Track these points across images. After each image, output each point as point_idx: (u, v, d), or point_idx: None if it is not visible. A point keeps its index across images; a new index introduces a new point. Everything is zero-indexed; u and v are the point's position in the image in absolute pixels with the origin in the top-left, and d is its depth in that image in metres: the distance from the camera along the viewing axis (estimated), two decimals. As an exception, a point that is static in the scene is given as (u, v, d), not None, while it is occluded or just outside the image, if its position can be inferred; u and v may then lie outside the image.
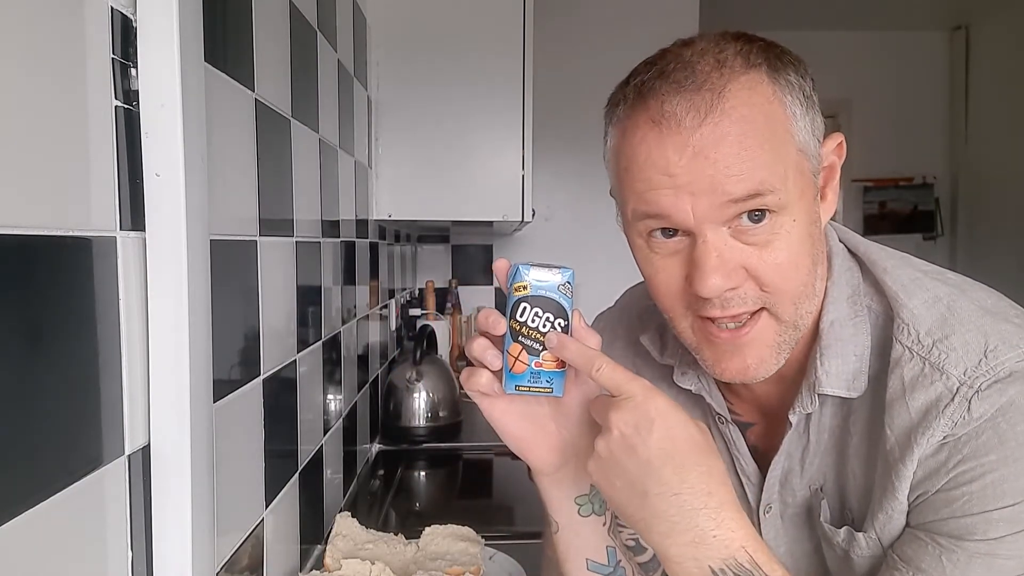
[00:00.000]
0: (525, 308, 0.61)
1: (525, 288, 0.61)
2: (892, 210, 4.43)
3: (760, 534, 0.72)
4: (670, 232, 0.62)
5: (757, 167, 0.57)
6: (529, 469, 0.70)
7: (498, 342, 0.63)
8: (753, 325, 0.62)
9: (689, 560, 0.55)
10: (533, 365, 0.62)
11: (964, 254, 4.30)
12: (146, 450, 0.56)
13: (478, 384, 0.63)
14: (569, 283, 0.62)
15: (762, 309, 0.62)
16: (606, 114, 0.67)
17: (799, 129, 0.60)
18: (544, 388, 0.63)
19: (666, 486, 0.56)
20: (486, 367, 0.63)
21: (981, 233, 4.17)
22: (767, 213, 0.59)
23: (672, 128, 0.58)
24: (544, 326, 0.61)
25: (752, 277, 0.61)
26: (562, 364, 0.62)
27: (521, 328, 0.61)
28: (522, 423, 0.66)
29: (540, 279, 0.61)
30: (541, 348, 0.62)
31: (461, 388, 0.68)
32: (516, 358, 0.62)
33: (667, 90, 0.59)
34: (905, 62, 4.28)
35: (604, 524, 0.71)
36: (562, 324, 0.61)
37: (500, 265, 0.63)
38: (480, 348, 0.63)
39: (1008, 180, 3.88)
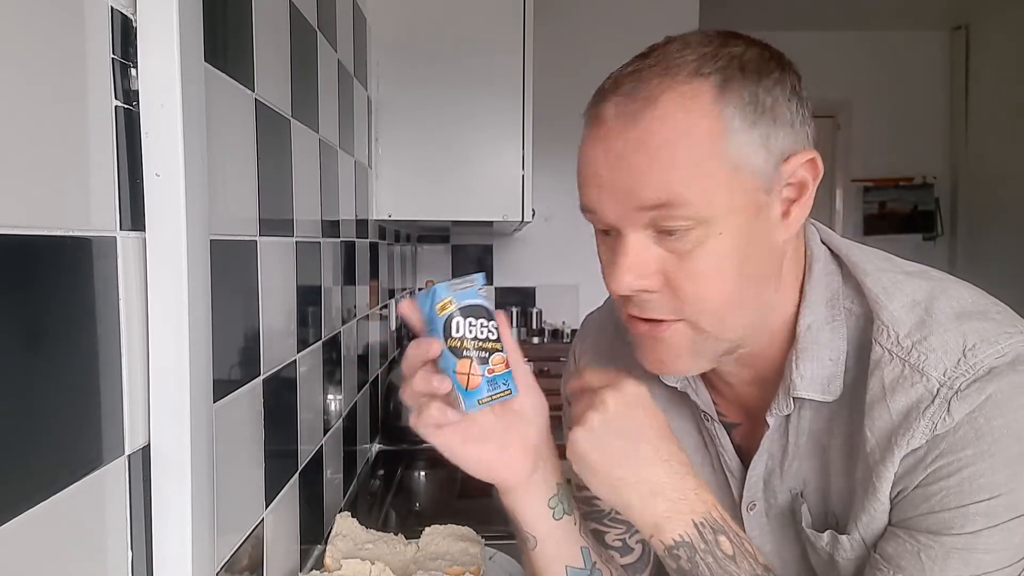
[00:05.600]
0: (458, 323, 0.61)
1: (451, 303, 0.61)
2: (892, 210, 4.43)
3: (743, 530, 0.73)
4: (605, 228, 0.64)
5: (671, 178, 0.58)
6: (495, 491, 0.70)
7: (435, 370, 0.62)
8: (669, 327, 0.63)
9: (675, 513, 0.63)
10: (487, 373, 0.61)
11: (964, 254, 4.30)
12: (146, 450, 0.56)
13: (431, 417, 0.61)
14: (483, 284, 0.63)
15: (681, 320, 0.63)
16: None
17: (736, 144, 0.58)
18: (503, 391, 0.62)
19: (659, 452, 0.64)
20: (434, 395, 0.61)
21: (981, 233, 4.18)
22: (686, 227, 0.59)
23: (604, 130, 0.60)
24: (482, 332, 0.61)
25: (669, 286, 0.61)
26: (508, 363, 0.62)
27: (462, 342, 0.60)
28: (485, 446, 0.66)
29: (458, 289, 0.61)
30: (488, 354, 0.61)
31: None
32: (469, 374, 0.60)
33: (611, 93, 0.61)
34: (905, 62, 4.28)
35: (575, 523, 0.72)
36: (494, 325, 0.62)
37: (405, 308, 0.63)
38: (423, 378, 0.61)
39: (1008, 180, 3.88)
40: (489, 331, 0.61)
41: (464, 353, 0.60)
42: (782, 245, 0.64)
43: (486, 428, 0.66)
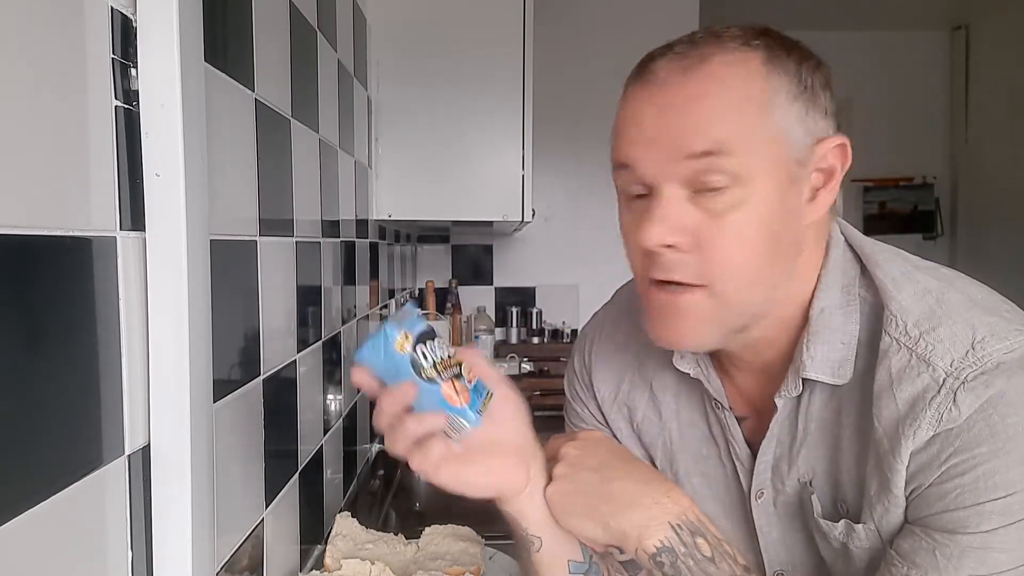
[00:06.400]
0: (423, 352, 0.60)
1: (407, 337, 0.60)
2: (892, 210, 4.43)
3: (753, 519, 0.74)
4: (639, 188, 0.64)
5: (720, 129, 0.59)
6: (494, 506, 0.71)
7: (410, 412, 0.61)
8: (688, 294, 0.63)
9: (652, 520, 0.64)
10: (468, 384, 0.62)
11: (964, 254, 4.29)
12: (146, 450, 0.56)
13: (437, 454, 0.61)
14: (418, 309, 0.63)
15: (703, 287, 0.63)
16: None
17: (779, 113, 0.61)
18: (488, 394, 0.64)
19: (622, 471, 0.68)
20: (430, 432, 0.61)
21: (981, 233, 4.17)
22: (725, 184, 0.60)
23: (654, 85, 0.62)
24: (442, 351, 0.61)
25: (700, 247, 0.61)
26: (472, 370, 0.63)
27: (436, 367, 0.60)
28: (486, 464, 0.66)
29: (404, 321, 0.61)
30: (458, 367, 0.62)
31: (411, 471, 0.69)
32: (457, 392, 0.60)
33: (662, 56, 0.63)
34: (905, 62, 4.27)
35: None
36: (442, 342, 0.62)
37: (357, 375, 0.62)
38: (416, 421, 0.60)
39: (1008, 180, 3.88)
40: (445, 348, 0.62)
41: (443, 376, 0.60)
42: (804, 228, 0.65)
43: (478, 446, 0.65)
